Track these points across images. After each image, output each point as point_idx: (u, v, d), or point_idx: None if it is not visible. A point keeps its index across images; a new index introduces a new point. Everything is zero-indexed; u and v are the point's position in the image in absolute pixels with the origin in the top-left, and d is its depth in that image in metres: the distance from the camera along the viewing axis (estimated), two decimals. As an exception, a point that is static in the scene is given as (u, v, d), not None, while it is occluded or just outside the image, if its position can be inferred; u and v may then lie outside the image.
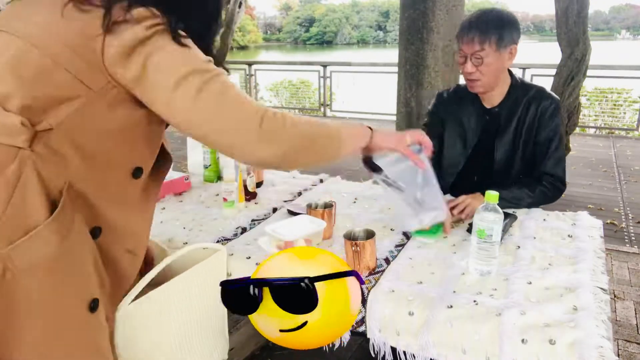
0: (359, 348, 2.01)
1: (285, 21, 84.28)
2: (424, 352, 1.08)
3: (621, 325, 2.32)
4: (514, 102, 1.74)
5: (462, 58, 1.68)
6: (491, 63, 1.64)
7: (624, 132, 7.09)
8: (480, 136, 1.80)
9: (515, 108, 1.73)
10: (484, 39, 1.61)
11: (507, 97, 1.75)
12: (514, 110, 1.73)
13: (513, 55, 1.67)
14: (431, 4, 3.21)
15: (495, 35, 1.61)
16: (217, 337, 1.33)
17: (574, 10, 3.78)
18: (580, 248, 1.36)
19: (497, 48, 1.62)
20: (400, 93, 3.51)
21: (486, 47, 1.61)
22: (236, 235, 1.48)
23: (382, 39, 77.73)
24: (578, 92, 4.03)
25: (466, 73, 1.69)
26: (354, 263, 1.23)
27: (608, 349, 0.96)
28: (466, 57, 1.66)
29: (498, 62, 1.65)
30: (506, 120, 1.74)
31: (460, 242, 1.42)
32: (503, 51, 1.63)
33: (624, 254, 3.10)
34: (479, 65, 1.64)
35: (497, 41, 1.61)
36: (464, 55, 1.66)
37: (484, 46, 1.61)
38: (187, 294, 1.18)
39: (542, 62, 7.41)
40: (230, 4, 5.73)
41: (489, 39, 1.61)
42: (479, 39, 1.61)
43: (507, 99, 1.75)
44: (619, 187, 4.50)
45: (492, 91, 1.74)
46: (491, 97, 1.76)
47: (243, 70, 9.28)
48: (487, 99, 1.78)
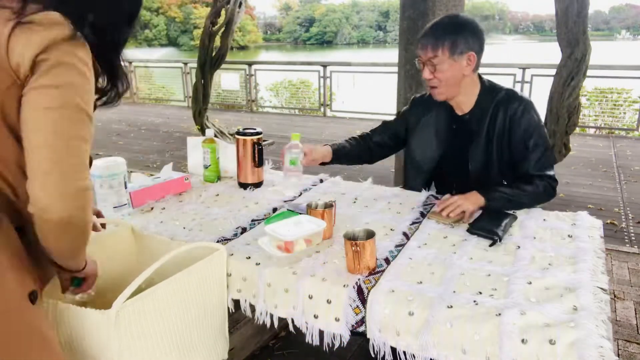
0: (359, 348, 2.01)
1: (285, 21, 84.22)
2: (424, 352, 1.08)
3: (621, 325, 2.32)
4: (483, 108, 1.72)
5: (420, 64, 1.69)
6: (446, 69, 1.63)
7: (624, 132, 7.08)
8: (452, 142, 1.79)
9: (485, 113, 1.71)
10: (437, 45, 1.61)
11: (476, 103, 1.74)
12: (484, 116, 1.71)
13: (472, 62, 1.65)
14: (431, 4, 3.21)
15: (448, 42, 1.61)
16: (217, 336, 1.34)
17: (574, 10, 3.78)
18: (580, 248, 1.36)
19: (451, 55, 1.62)
20: (400, 93, 3.51)
21: (439, 54, 1.62)
22: (236, 235, 1.48)
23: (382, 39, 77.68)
24: (578, 92, 4.03)
25: (425, 79, 1.70)
26: (354, 263, 1.23)
27: (608, 349, 0.96)
28: (423, 64, 1.67)
29: (453, 69, 1.64)
30: (477, 126, 1.72)
31: (460, 242, 1.42)
32: (458, 58, 1.63)
33: (624, 254, 3.10)
34: (434, 71, 1.65)
35: (450, 48, 1.61)
36: (422, 62, 1.68)
37: (437, 53, 1.62)
38: (186, 293, 1.19)
39: (542, 62, 7.41)
40: (230, 4, 5.72)
41: (441, 46, 1.61)
42: (432, 45, 1.62)
43: (477, 106, 1.73)
44: (619, 187, 4.50)
45: (456, 98, 1.73)
46: (460, 103, 1.75)
47: (243, 70, 9.28)
48: (457, 106, 1.77)
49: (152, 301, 1.10)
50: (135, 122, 8.03)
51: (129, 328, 1.05)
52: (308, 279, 1.23)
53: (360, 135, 1.99)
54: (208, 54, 5.82)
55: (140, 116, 8.63)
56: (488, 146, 1.71)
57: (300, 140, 1.80)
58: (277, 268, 1.28)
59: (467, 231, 1.47)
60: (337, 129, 7.51)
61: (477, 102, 1.73)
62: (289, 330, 1.29)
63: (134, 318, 1.06)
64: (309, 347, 1.26)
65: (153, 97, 10.72)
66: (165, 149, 6.15)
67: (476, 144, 1.73)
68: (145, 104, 10.23)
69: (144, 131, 7.40)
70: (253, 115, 9.00)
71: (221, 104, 9.83)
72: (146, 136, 7.02)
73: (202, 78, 5.93)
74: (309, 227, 1.35)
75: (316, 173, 2.09)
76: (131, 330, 1.06)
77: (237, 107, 9.66)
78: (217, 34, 5.82)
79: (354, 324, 1.17)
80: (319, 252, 1.36)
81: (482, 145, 1.72)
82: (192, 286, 1.20)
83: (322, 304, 1.20)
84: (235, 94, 9.64)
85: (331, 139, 6.74)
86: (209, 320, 1.28)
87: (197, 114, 6.06)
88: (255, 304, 1.30)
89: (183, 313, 1.18)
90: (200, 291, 1.23)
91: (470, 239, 1.43)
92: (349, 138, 1.98)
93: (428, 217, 1.59)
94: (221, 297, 1.31)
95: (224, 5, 5.73)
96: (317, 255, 1.34)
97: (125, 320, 1.04)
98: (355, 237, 1.28)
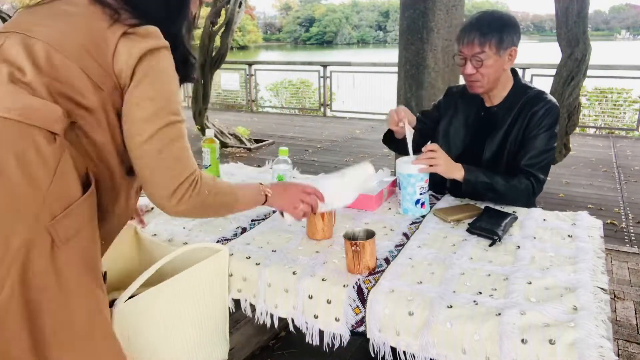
0: (359, 348, 2.01)
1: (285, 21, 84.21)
2: (424, 352, 1.08)
3: (621, 325, 2.32)
4: (512, 103, 1.75)
5: (462, 60, 1.69)
6: (491, 65, 1.65)
7: (624, 132, 7.08)
8: (476, 132, 1.82)
9: (512, 109, 1.74)
10: (484, 41, 1.62)
11: (506, 97, 1.77)
12: (511, 110, 1.74)
13: (513, 57, 1.68)
14: (431, 4, 3.21)
15: (495, 37, 1.62)
16: (217, 336, 1.34)
17: (574, 10, 3.78)
18: (580, 248, 1.36)
19: (497, 50, 1.63)
20: (400, 93, 3.51)
21: (486, 49, 1.62)
22: (236, 235, 1.49)
23: (382, 39, 77.66)
24: (578, 92, 4.03)
25: (466, 75, 1.70)
26: (353, 263, 1.23)
27: (608, 349, 0.96)
28: (466, 59, 1.67)
29: (497, 64, 1.66)
30: (501, 119, 1.75)
31: (460, 242, 1.42)
32: (503, 53, 1.65)
33: (624, 254, 3.10)
34: (479, 67, 1.65)
35: (497, 43, 1.62)
36: (464, 57, 1.68)
37: (484, 48, 1.62)
38: (187, 293, 1.19)
39: (542, 62, 7.41)
40: (230, 4, 5.72)
41: (489, 41, 1.62)
42: (479, 40, 1.62)
43: (507, 100, 1.76)
44: (619, 187, 4.50)
45: (492, 91, 1.75)
46: (492, 96, 1.78)
47: (243, 70, 9.28)
48: (488, 98, 1.80)
49: (153, 301, 1.10)
50: (135, 122, 8.01)
51: (129, 328, 1.05)
52: (308, 279, 1.23)
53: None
54: (208, 54, 5.82)
55: (140, 116, 8.61)
56: (504, 139, 1.75)
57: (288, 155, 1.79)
58: (277, 268, 1.28)
59: (467, 231, 1.47)
60: (337, 129, 7.51)
61: (507, 96, 1.77)
62: (289, 330, 1.29)
63: (135, 318, 1.06)
64: (309, 347, 1.26)
65: (153, 97, 10.69)
66: (165, 149, 6.14)
67: (495, 135, 1.76)
68: (145, 104, 10.20)
69: (144, 131, 7.37)
70: (253, 115, 9.00)
71: (221, 104, 9.83)
72: (146, 136, 7.00)
73: (202, 78, 5.93)
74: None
75: (316, 173, 2.08)
76: (131, 331, 1.06)
77: (237, 107, 9.66)
78: (217, 34, 5.82)
79: (353, 324, 1.17)
80: (319, 252, 1.36)
81: (500, 137, 1.75)
82: (193, 287, 1.20)
83: (322, 304, 1.20)
84: (235, 94, 9.64)
85: (331, 139, 6.76)
86: (209, 321, 1.28)
87: (197, 114, 6.06)
88: (256, 304, 1.30)
89: (184, 313, 1.18)
90: (201, 292, 1.23)
91: (470, 239, 1.43)
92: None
93: (433, 213, 1.61)
94: (222, 297, 1.31)
95: (224, 5, 5.73)
96: (317, 255, 1.34)
97: (125, 320, 1.04)
98: (355, 237, 1.28)
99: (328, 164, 5.46)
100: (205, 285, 1.24)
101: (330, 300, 1.19)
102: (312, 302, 1.21)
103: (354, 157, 5.80)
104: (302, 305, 1.22)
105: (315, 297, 1.20)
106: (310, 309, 1.22)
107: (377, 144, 6.39)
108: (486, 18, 1.65)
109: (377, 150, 6.04)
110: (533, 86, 1.80)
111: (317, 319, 1.21)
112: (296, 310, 1.23)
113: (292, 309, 1.24)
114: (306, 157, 5.77)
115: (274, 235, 1.49)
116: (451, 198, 1.78)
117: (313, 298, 1.21)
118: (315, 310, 1.21)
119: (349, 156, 5.83)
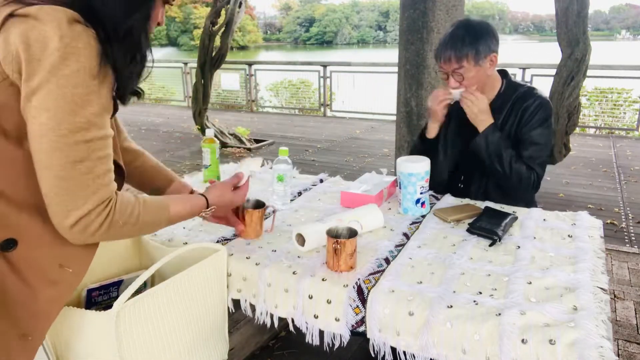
0: (359, 348, 2.01)
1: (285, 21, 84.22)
2: (424, 352, 1.08)
3: (621, 325, 2.32)
4: (503, 102, 1.77)
5: (444, 75, 1.72)
6: (473, 76, 1.67)
7: (624, 132, 7.08)
8: (470, 134, 1.82)
9: (503, 107, 1.76)
10: (461, 56, 1.64)
11: (497, 97, 1.79)
12: (502, 109, 1.76)
13: (494, 62, 1.70)
14: (431, 4, 3.21)
15: (471, 51, 1.63)
16: (217, 337, 1.33)
17: (574, 10, 3.78)
18: (580, 248, 1.36)
19: (476, 62, 1.65)
20: (400, 93, 3.51)
21: (464, 64, 1.65)
22: (236, 235, 1.48)
23: (382, 39, 77.71)
24: (578, 92, 4.03)
25: (451, 87, 1.73)
26: (333, 260, 1.23)
27: (608, 349, 0.96)
28: (447, 74, 1.70)
29: (480, 74, 1.68)
30: (494, 119, 1.75)
31: (460, 242, 1.42)
32: (483, 62, 1.66)
33: (624, 254, 3.10)
34: (461, 80, 1.68)
35: (475, 56, 1.64)
36: (445, 72, 1.71)
37: (462, 63, 1.65)
38: (186, 293, 1.18)
39: (542, 62, 7.42)
40: (230, 4, 5.71)
41: (465, 56, 1.64)
42: (456, 57, 1.64)
43: (497, 99, 1.78)
44: (619, 187, 4.50)
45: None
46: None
47: (243, 70, 9.28)
48: None
49: (152, 302, 1.10)
50: (136, 122, 8.03)
51: (129, 329, 1.05)
52: (308, 279, 1.23)
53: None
54: (208, 54, 5.82)
55: (140, 116, 8.62)
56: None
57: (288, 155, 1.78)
58: (277, 268, 1.28)
59: (467, 231, 1.47)
60: (337, 129, 7.51)
61: (497, 96, 1.79)
62: (289, 330, 1.29)
63: (135, 319, 1.06)
64: (309, 347, 1.26)
65: (153, 97, 10.72)
66: (165, 149, 6.13)
67: None
68: (145, 104, 10.22)
69: (144, 131, 7.39)
70: (253, 115, 9.00)
71: (221, 104, 9.83)
72: (146, 136, 7.01)
73: (202, 78, 5.93)
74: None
75: (316, 173, 2.08)
76: (131, 331, 1.06)
77: (237, 107, 9.67)
78: (217, 34, 5.82)
79: (354, 324, 1.17)
80: (318, 252, 1.36)
81: None
82: (192, 287, 1.20)
83: (322, 304, 1.20)
84: (235, 94, 9.65)
85: (331, 139, 6.76)
86: (209, 321, 1.28)
87: (197, 114, 6.05)
88: (256, 304, 1.30)
89: (183, 313, 1.18)
90: (200, 292, 1.23)
91: (470, 239, 1.43)
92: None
93: (433, 213, 1.61)
94: (221, 297, 1.31)
95: (224, 5, 5.72)
96: (317, 255, 1.34)
97: (125, 321, 1.04)
98: (338, 235, 1.29)
99: (328, 164, 5.46)
100: (204, 286, 1.24)
101: (330, 300, 1.19)
102: (312, 302, 1.21)
103: (354, 157, 5.80)
104: (302, 305, 1.22)
105: (315, 297, 1.20)
106: (310, 309, 1.22)
107: (377, 144, 6.39)
108: (459, 34, 1.65)
109: (377, 150, 6.04)
110: (524, 83, 1.82)
111: (317, 319, 1.21)
112: (296, 310, 1.23)
113: (292, 309, 1.24)
114: (306, 157, 5.77)
115: (274, 235, 1.49)
116: (451, 198, 1.78)
117: (313, 298, 1.21)
118: (315, 310, 1.21)
119: (349, 156, 5.83)
